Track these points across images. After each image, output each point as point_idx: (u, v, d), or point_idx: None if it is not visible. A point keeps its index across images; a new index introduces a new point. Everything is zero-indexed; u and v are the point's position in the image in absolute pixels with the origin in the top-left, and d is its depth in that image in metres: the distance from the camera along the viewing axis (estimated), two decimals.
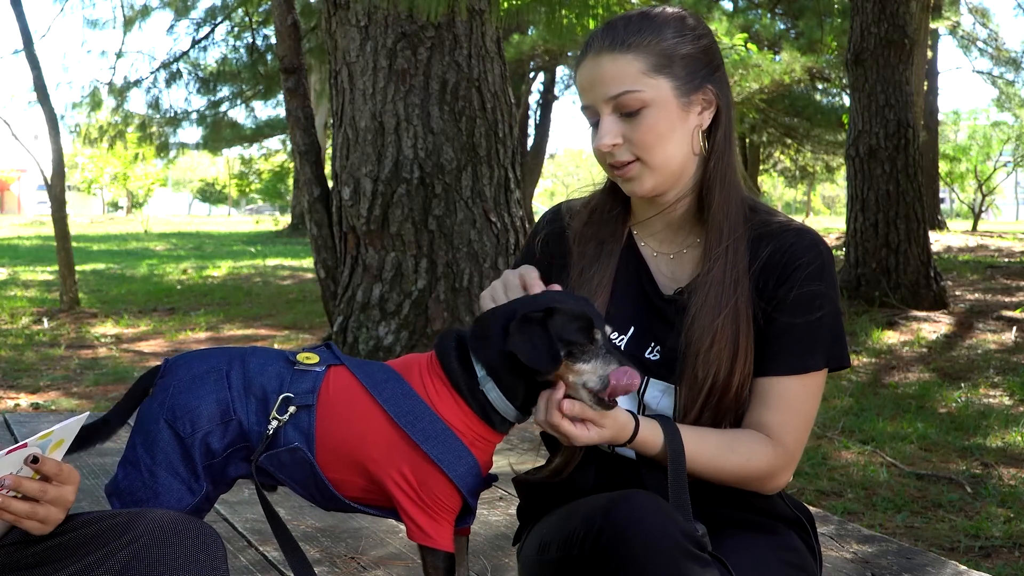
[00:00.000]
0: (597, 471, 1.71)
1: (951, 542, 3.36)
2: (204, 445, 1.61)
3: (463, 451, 1.58)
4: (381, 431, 1.59)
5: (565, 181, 68.93)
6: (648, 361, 1.67)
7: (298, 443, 1.60)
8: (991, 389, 5.89)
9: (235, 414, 1.61)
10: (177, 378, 1.64)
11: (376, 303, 5.75)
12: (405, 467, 1.58)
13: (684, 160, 1.65)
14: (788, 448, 1.63)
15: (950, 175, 27.16)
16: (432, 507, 1.59)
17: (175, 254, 18.98)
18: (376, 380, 1.62)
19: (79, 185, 52.36)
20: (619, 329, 1.69)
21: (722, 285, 1.62)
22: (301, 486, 1.66)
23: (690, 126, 1.64)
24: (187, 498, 1.60)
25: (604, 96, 1.62)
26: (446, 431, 1.58)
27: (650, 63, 1.61)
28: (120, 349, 7.48)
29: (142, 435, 1.63)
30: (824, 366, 1.64)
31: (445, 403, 1.59)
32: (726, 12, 18.55)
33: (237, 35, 19.84)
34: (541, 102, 25.26)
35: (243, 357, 1.65)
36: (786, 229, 1.66)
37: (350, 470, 1.61)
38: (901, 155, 8.35)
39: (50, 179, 9.47)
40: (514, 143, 6.00)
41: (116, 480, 1.63)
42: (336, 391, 1.62)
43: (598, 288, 1.70)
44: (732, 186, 1.66)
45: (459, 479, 1.58)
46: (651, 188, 1.66)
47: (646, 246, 1.74)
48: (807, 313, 1.62)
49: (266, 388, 1.62)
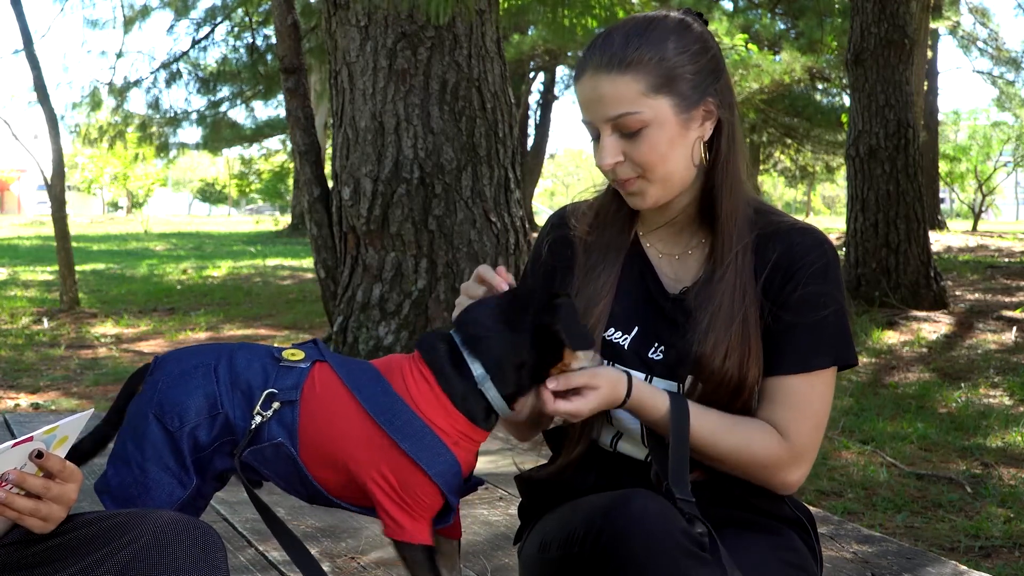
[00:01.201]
0: (598, 471, 1.71)
1: (951, 542, 3.36)
2: (192, 439, 1.62)
3: (441, 448, 1.58)
4: (361, 429, 1.59)
5: (565, 181, 68.92)
6: (652, 361, 1.67)
7: (281, 439, 1.61)
8: (991, 389, 5.89)
9: (222, 408, 1.62)
10: (165, 374, 1.65)
11: (376, 303, 5.75)
12: (384, 466, 1.58)
13: (686, 172, 1.65)
14: (795, 444, 1.63)
15: (950, 175, 27.15)
16: (412, 505, 1.59)
17: (175, 254, 18.97)
18: (357, 378, 1.62)
19: (79, 185, 52.34)
20: (623, 328, 1.69)
21: (733, 295, 1.62)
22: (285, 481, 1.66)
23: (691, 139, 1.63)
24: (178, 492, 1.61)
25: (603, 117, 1.61)
26: (424, 429, 1.58)
27: (649, 83, 1.59)
28: (120, 349, 7.48)
29: (131, 431, 1.64)
30: (831, 365, 1.65)
31: (427, 401, 1.59)
32: (726, 12, 18.56)
33: (237, 35, 19.83)
34: (541, 102, 25.28)
35: (231, 353, 1.67)
36: (792, 229, 1.67)
37: (331, 467, 1.62)
38: (901, 155, 8.34)
39: (50, 179, 9.47)
40: (514, 143, 6.00)
41: (106, 477, 1.63)
42: (319, 388, 1.63)
43: (603, 288, 1.70)
44: (739, 192, 1.66)
45: (438, 476, 1.57)
46: (654, 201, 1.67)
47: (651, 247, 1.74)
48: (812, 312, 1.63)
49: (251, 383, 1.63)
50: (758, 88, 17.29)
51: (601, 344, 1.68)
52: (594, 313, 1.68)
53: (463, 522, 2.93)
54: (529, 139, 24.55)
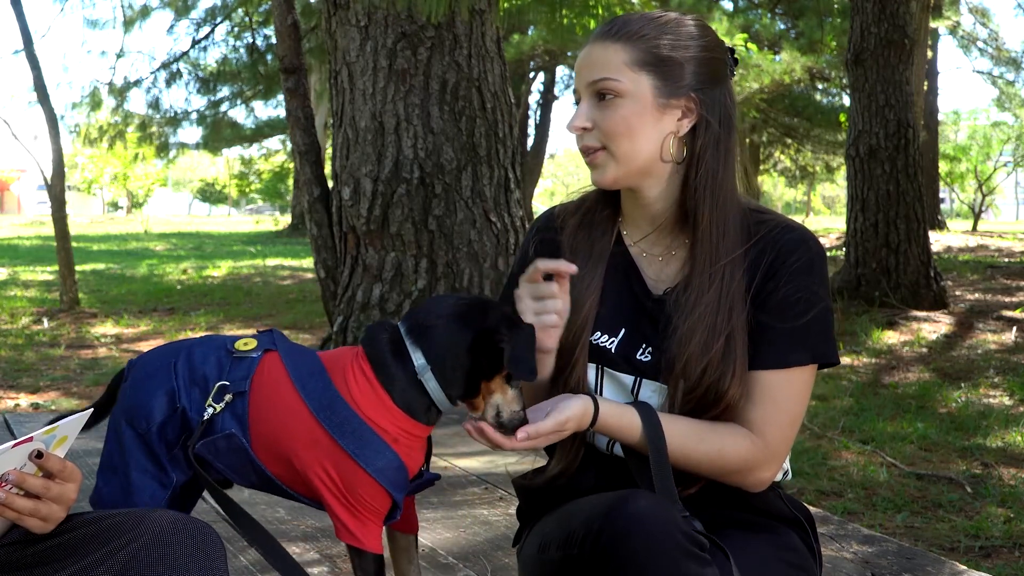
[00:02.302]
0: (596, 472, 1.71)
1: (951, 542, 3.36)
2: (162, 436, 1.63)
3: (380, 446, 1.57)
4: (304, 425, 1.59)
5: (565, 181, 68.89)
6: (640, 362, 1.67)
7: (233, 429, 1.62)
8: (991, 389, 5.88)
9: (180, 402, 1.63)
10: (133, 378, 1.68)
11: (376, 303, 5.75)
12: (328, 463, 1.58)
13: (650, 159, 1.64)
14: (769, 443, 1.61)
15: (950, 175, 27.14)
16: (356, 507, 1.58)
17: (175, 254, 18.97)
18: (301, 373, 1.62)
19: (79, 185, 52.35)
20: (610, 331, 1.69)
21: (718, 312, 1.61)
22: (238, 474, 1.66)
23: (663, 129, 1.63)
24: (160, 493, 1.63)
25: (586, 81, 1.65)
26: (363, 426, 1.57)
27: (635, 57, 1.62)
28: (120, 349, 7.48)
29: (112, 439, 1.67)
30: (810, 362, 1.63)
31: (366, 398, 1.59)
32: (726, 12, 18.55)
33: (237, 35, 19.84)
34: (541, 102, 25.26)
35: (190, 348, 1.68)
36: (777, 227, 1.66)
37: (279, 462, 1.62)
38: (901, 155, 8.34)
39: (50, 179, 9.47)
40: (514, 143, 6.00)
41: (98, 489, 1.66)
42: (267, 379, 1.63)
43: (589, 289, 1.69)
44: (727, 204, 1.65)
45: (378, 473, 1.57)
46: (612, 179, 1.66)
47: (634, 246, 1.74)
48: (794, 308, 1.62)
49: (207, 376, 1.64)
50: (758, 88, 17.29)
51: (588, 348, 1.68)
52: (580, 317, 1.67)
53: (463, 522, 2.93)
54: (529, 139, 24.54)
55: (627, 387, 1.67)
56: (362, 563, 1.60)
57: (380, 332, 1.62)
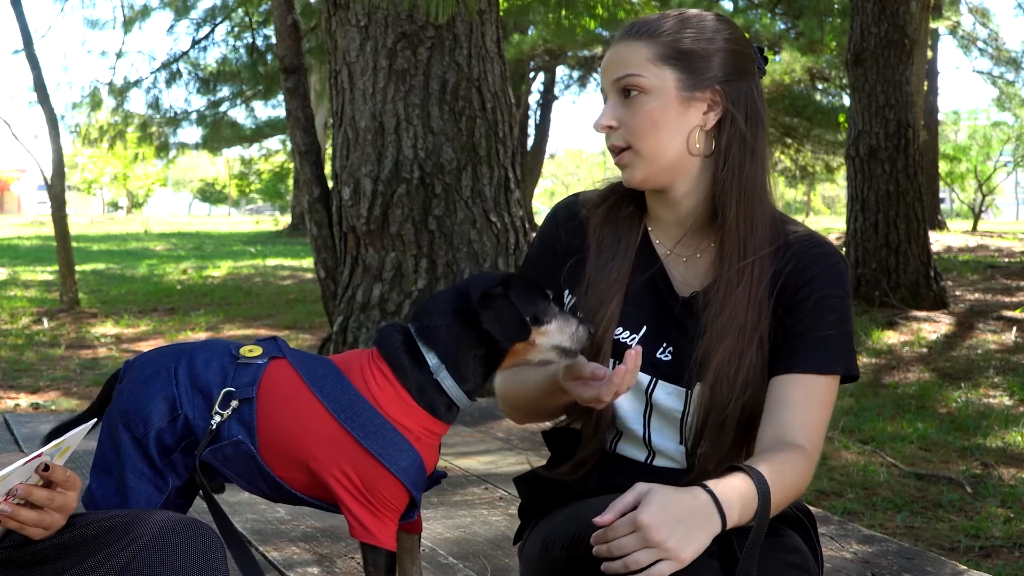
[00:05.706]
0: (600, 472, 1.71)
1: (951, 542, 3.36)
2: (159, 442, 1.63)
3: (404, 445, 1.58)
4: (322, 427, 1.59)
5: (565, 181, 68.90)
6: (659, 361, 1.66)
7: (240, 436, 1.61)
8: (991, 389, 5.88)
9: (181, 409, 1.63)
10: (130, 380, 1.67)
11: (376, 303, 5.74)
12: (347, 464, 1.58)
13: (677, 155, 1.64)
14: (813, 453, 1.59)
15: (950, 175, 27.15)
16: (376, 505, 1.59)
17: (175, 254, 18.97)
18: (317, 375, 1.62)
19: (79, 185, 52.32)
20: (632, 328, 1.68)
21: (747, 310, 1.61)
22: (246, 480, 1.66)
23: (689, 123, 1.63)
24: (156, 497, 1.62)
25: (611, 79, 1.65)
26: (386, 425, 1.58)
27: (658, 52, 1.62)
28: (120, 349, 7.48)
29: (108, 441, 1.66)
30: (842, 372, 1.63)
31: (388, 398, 1.60)
32: (726, 12, 18.55)
33: (237, 35, 19.82)
34: (541, 102, 25.26)
35: (191, 353, 1.68)
36: (805, 239, 1.66)
37: (292, 466, 1.62)
38: (901, 155, 8.34)
39: (50, 179, 9.46)
40: (514, 143, 6.00)
41: (91, 490, 1.65)
42: (277, 385, 1.63)
43: (615, 284, 1.69)
44: (754, 202, 1.64)
45: (401, 472, 1.57)
46: (641, 179, 1.66)
47: (661, 244, 1.73)
48: (828, 315, 1.62)
49: (210, 383, 1.64)
50: None
51: (611, 344, 1.67)
52: (605, 311, 1.67)
53: (463, 522, 2.94)
54: (529, 139, 24.54)
55: (641, 387, 1.67)
56: (375, 559, 1.60)
57: (393, 334, 1.64)
